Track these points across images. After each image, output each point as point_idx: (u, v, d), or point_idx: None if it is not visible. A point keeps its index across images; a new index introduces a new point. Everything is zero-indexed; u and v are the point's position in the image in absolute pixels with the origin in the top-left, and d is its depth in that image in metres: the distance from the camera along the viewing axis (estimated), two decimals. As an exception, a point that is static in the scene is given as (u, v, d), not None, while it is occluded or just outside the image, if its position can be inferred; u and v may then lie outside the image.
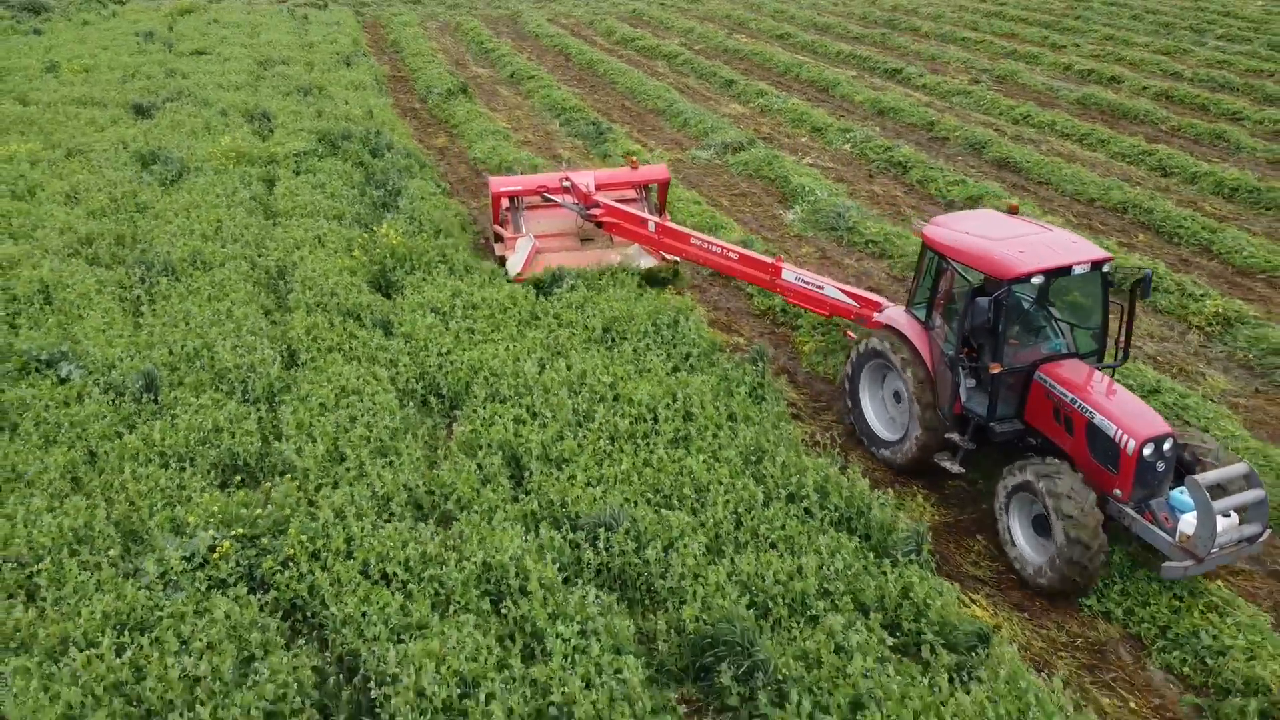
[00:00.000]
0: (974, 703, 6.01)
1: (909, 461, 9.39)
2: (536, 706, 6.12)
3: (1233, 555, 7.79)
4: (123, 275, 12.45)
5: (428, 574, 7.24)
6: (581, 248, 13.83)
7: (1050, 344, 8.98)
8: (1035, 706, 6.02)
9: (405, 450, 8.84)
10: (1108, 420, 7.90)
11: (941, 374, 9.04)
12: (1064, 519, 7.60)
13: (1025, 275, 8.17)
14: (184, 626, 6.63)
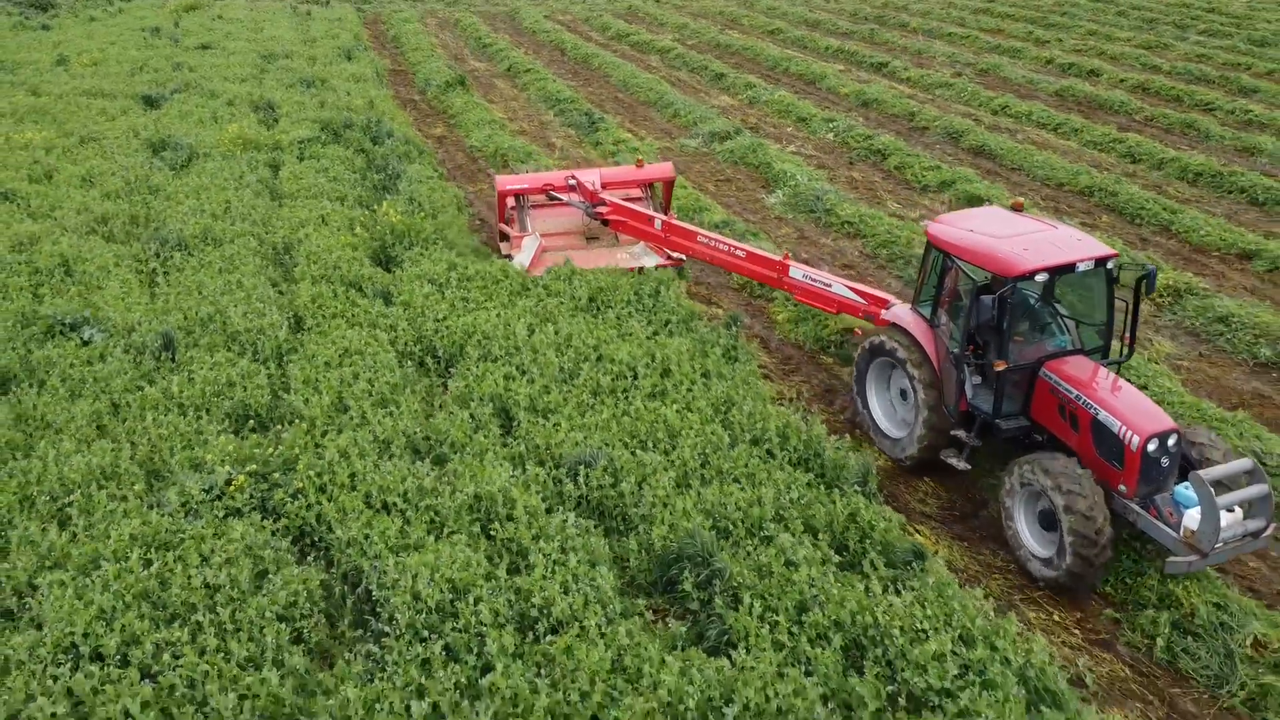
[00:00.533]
0: (904, 605, 6.79)
1: (915, 458, 9.48)
2: (520, 609, 6.90)
3: (1237, 550, 7.81)
4: (138, 250, 13.24)
5: (424, 503, 8.02)
6: (588, 246, 13.84)
7: (1055, 341, 9.02)
8: (960, 610, 6.80)
9: (404, 402, 9.62)
10: (1112, 416, 7.94)
11: (947, 371, 9.11)
12: (1071, 515, 7.65)
13: (1029, 273, 8.22)
14: (204, 546, 7.40)
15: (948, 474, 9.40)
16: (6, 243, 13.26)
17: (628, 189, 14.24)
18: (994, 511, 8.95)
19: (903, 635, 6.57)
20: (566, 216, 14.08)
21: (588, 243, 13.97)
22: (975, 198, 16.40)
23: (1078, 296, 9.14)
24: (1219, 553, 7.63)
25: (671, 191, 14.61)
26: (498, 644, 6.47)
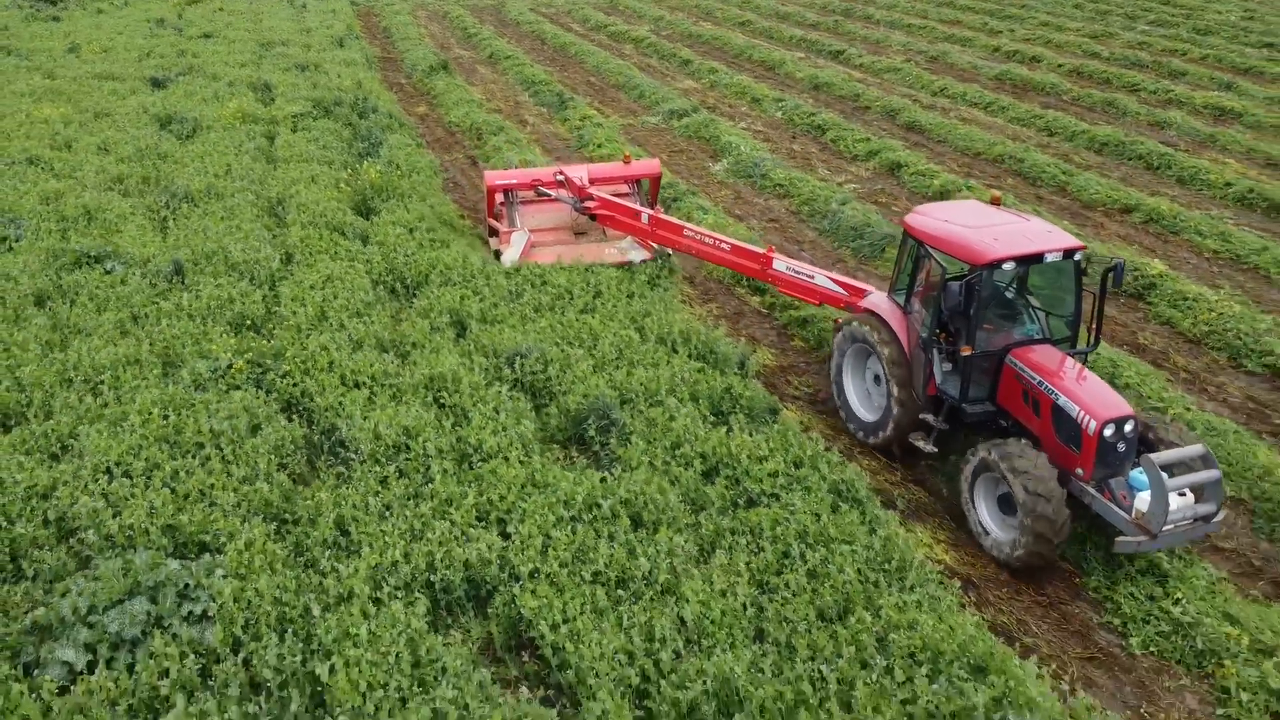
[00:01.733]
0: (754, 441, 8.75)
1: (885, 441, 9.79)
2: (459, 448, 8.85)
3: (1188, 533, 7.99)
4: (151, 202, 15.18)
5: (388, 381, 9.97)
6: (575, 241, 14.02)
7: (1023, 329, 9.26)
8: (795, 444, 8.75)
9: (375, 315, 11.56)
10: (1071, 402, 8.16)
11: (917, 357, 9.36)
12: (1028, 497, 7.90)
13: (997, 261, 8.45)
14: (210, 407, 9.34)
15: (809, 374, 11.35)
16: (35, 197, 15.18)
17: (615, 185, 14.30)
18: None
19: (749, 460, 8.53)
20: (555, 212, 14.17)
21: (576, 237, 14.12)
22: (896, 164, 18.35)
23: (1048, 287, 9.35)
24: (1169, 535, 7.81)
25: (658, 187, 14.78)
26: (439, 466, 8.44)
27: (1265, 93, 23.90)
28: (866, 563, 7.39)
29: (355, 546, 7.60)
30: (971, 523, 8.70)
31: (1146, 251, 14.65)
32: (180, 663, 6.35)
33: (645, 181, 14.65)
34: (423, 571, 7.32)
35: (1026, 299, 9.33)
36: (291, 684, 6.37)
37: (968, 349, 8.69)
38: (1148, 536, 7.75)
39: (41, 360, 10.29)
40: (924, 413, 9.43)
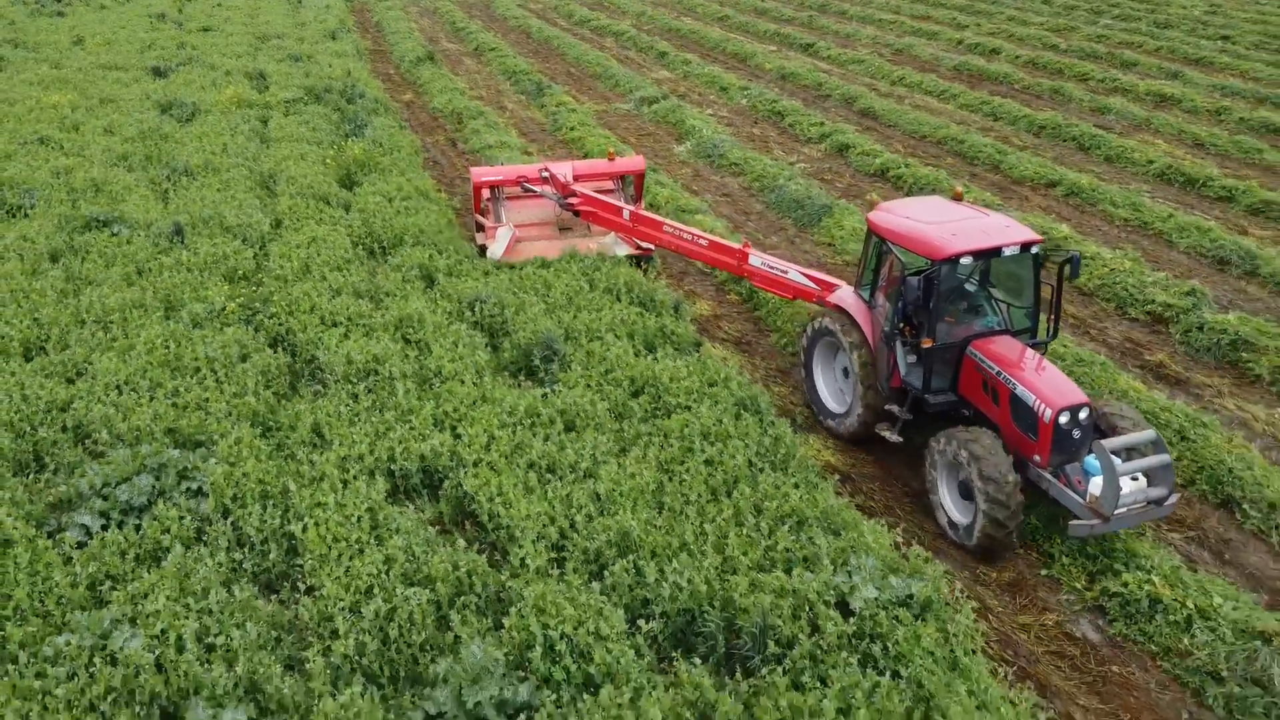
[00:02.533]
0: (675, 366, 10.15)
1: (853, 431, 10.07)
2: (421, 373, 10.24)
3: (1140, 517, 8.22)
4: (153, 175, 16.57)
5: (361, 321, 11.35)
6: (560, 236, 14.19)
7: (983, 321, 9.47)
8: (713, 369, 10.14)
9: (353, 269, 12.95)
10: (1028, 391, 8.38)
11: (881, 350, 9.62)
12: (984, 482, 8.13)
13: (955, 256, 8.68)
14: (206, 339, 10.72)
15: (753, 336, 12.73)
16: (47, 172, 16.56)
17: (600, 181, 14.48)
18: (776, 341, 12.26)
19: (670, 381, 9.93)
20: (540, 207, 14.36)
21: (560, 233, 14.30)
22: (845, 145, 19.76)
23: (1008, 280, 9.57)
24: (1121, 518, 8.06)
25: (643, 183, 14.86)
26: (403, 386, 9.83)
27: (1210, 81, 25.30)
28: (756, 454, 8.78)
29: (328, 444, 9.00)
30: (934, 507, 9.00)
31: (1062, 219, 16.04)
32: (179, 523, 7.75)
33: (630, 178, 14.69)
34: (384, 461, 8.72)
35: (989, 292, 9.56)
36: (271, 540, 7.77)
37: (928, 341, 8.92)
38: (1101, 520, 8.00)
39: (57, 304, 11.70)
40: (889, 404, 9.68)
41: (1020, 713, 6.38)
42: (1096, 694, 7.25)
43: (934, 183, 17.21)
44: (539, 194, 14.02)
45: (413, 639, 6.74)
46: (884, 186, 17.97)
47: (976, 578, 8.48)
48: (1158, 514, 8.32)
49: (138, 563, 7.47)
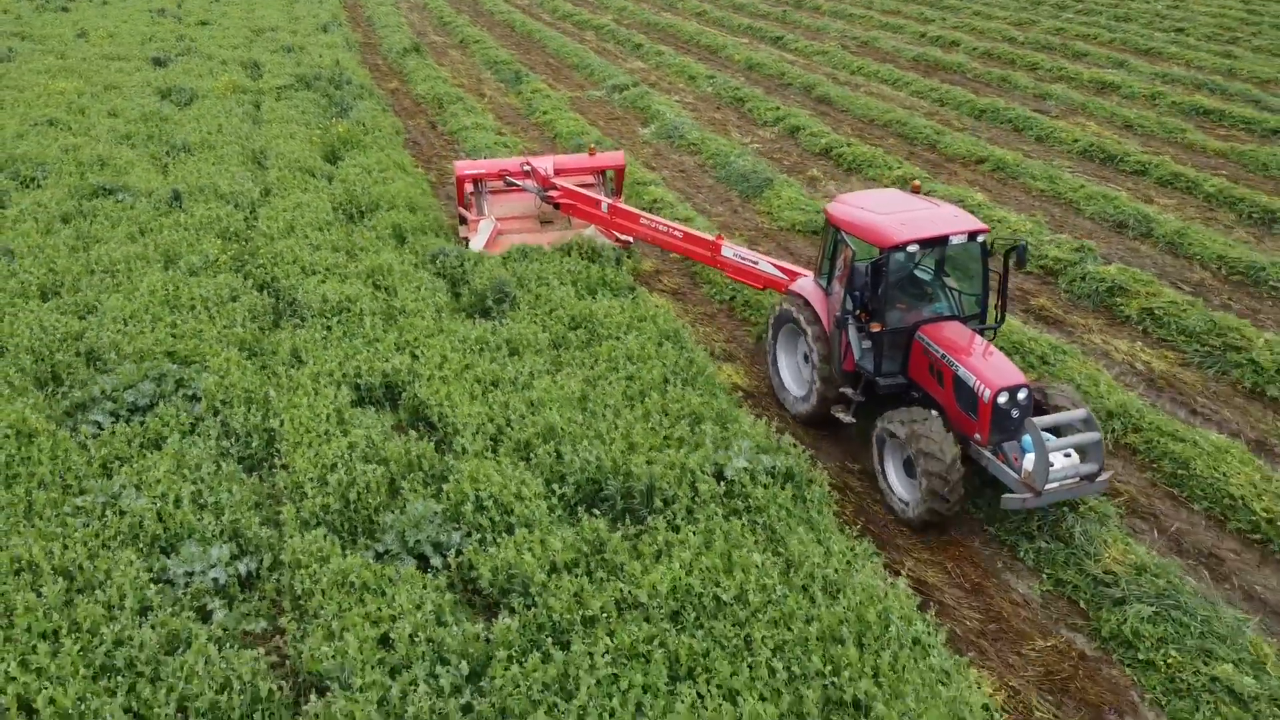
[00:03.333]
0: (610, 304, 11.67)
1: (811, 413, 10.46)
2: (386, 310, 11.76)
3: (1073, 491, 8.51)
4: (154, 151, 18.11)
5: (338, 270, 12.88)
6: (541, 229, 14.62)
7: (932, 307, 9.79)
8: (644, 307, 11.67)
9: (333, 230, 14.47)
10: (969, 373, 8.71)
11: (835, 334, 9.94)
12: (925, 460, 8.48)
13: (902, 244, 8.99)
14: (201, 283, 12.24)
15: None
16: (57, 149, 18.08)
17: (581, 176, 14.87)
18: (707, 292, 13.77)
19: (604, 316, 11.45)
20: (522, 201, 14.76)
21: (542, 226, 14.74)
22: (796, 127, 21.27)
23: (960, 268, 9.93)
24: (1054, 492, 8.38)
25: (623, 178, 15.18)
26: (371, 320, 11.35)
27: (1154, 69, 26.79)
28: (671, 372, 10.29)
29: (303, 363, 10.52)
30: (881, 484, 9.38)
31: (982, 190, 17.55)
32: (176, 419, 9.28)
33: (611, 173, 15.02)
34: (351, 376, 10.24)
35: (943, 279, 9.89)
36: (254, 433, 9.31)
37: (877, 326, 9.30)
38: (1033, 494, 8.31)
39: (69, 257, 13.23)
40: (844, 386, 10.04)
41: (858, 553, 7.89)
42: (929, 550, 8.78)
43: (872, 160, 18.74)
44: (521, 187, 14.40)
45: (369, 502, 8.26)
46: (826, 164, 19.51)
47: (844, 467, 10.00)
48: (1090, 489, 8.61)
49: (142, 448, 9.00)
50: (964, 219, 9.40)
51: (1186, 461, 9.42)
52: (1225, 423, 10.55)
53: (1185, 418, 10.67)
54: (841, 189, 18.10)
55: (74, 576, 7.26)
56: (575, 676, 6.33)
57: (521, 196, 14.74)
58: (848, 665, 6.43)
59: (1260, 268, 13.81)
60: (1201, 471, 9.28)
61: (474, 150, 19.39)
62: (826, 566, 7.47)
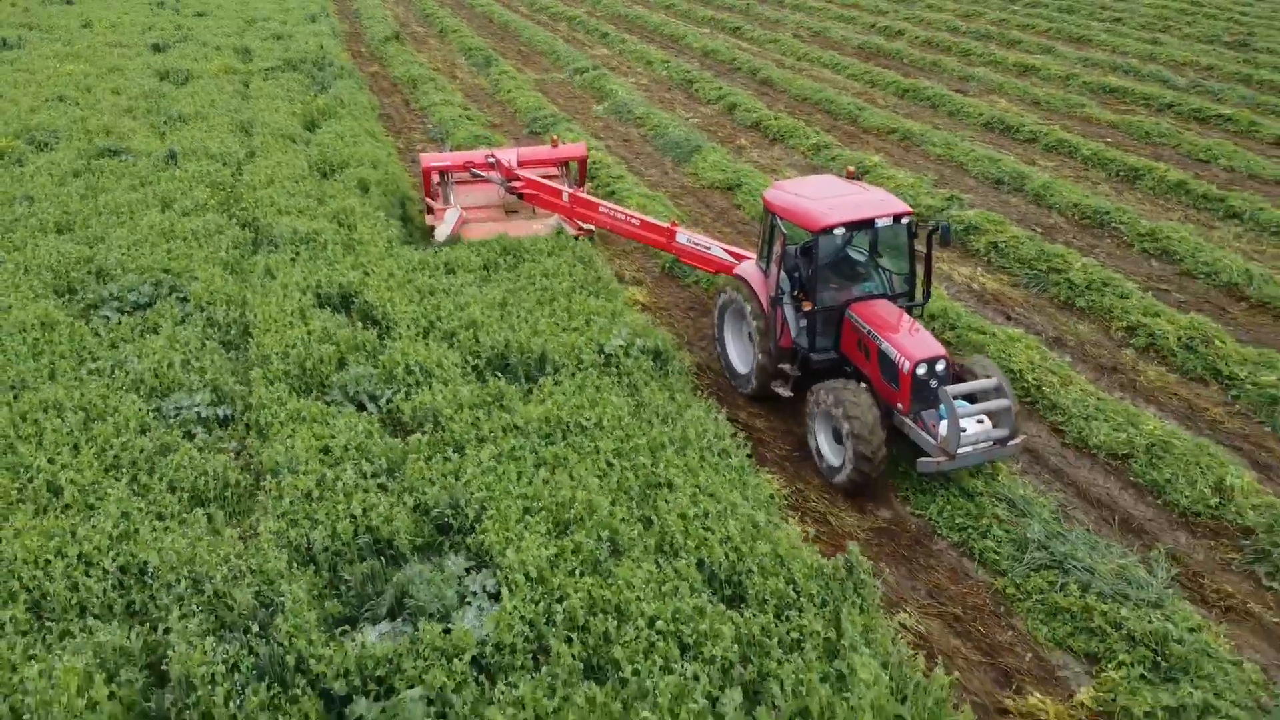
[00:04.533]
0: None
1: (753, 389, 10.95)
2: (348, 242, 14.02)
3: (986, 455, 8.99)
4: (153, 121, 20.38)
5: (309, 212, 15.13)
6: (507, 219, 15.14)
7: (862, 286, 10.29)
8: (565, 239, 13.91)
9: (307, 183, 16.72)
10: (891, 346, 9.23)
11: (773, 314, 10.46)
12: (850, 425, 8.96)
13: (829, 227, 9.49)
14: (192, 221, 14.49)
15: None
16: (66, 120, 20.33)
17: (544, 167, 15.44)
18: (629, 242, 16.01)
19: (531, 245, 13.69)
20: (487, 191, 15.31)
21: (507, 215, 15.29)
22: (734, 105, 23.54)
23: (890, 249, 10.44)
24: (967, 456, 8.87)
25: (585, 168, 15.83)
26: (332, 248, 13.61)
27: (1079, 55, 29.04)
28: (579, 285, 12.53)
29: (275, 277, 12.78)
30: (812, 451, 9.90)
31: (885, 155, 19.83)
32: (170, 312, 11.54)
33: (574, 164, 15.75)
34: (314, 287, 12.48)
35: (876, 260, 10.47)
36: (233, 324, 11.58)
37: (808, 304, 9.85)
38: (947, 457, 8.80)
39: (80, 201, 15.49)
40: (781, 363, 10.56)
41: (706, 408, 10.10)
42: (764, 417, 11.03)
43: (794, 131, 21.01)
44: (486, 179, 14.95)
45: (321, 370, 10.52)
46: (755, 135, 21.79)
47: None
48: (1003, 453, 9.08)
49: (142, 333, 11.27)
50: (890, 202, 9.90)
51: (982, 345, 11.66)
52: (1032, 325, 12.82)
53: (1000, 321, 12.93)
54: (764, 155, 20.40)
55: (89, 411, 9.51)
56: (465, 468, 8.59)
57: (487, 187, 15.30)
58: (665, 462, 8.69)
59: (1105, 212, 16.08)
60: (992, 352, 11.52)
61: (441, 122, 21.67)
62: (668, 406, 9.73)
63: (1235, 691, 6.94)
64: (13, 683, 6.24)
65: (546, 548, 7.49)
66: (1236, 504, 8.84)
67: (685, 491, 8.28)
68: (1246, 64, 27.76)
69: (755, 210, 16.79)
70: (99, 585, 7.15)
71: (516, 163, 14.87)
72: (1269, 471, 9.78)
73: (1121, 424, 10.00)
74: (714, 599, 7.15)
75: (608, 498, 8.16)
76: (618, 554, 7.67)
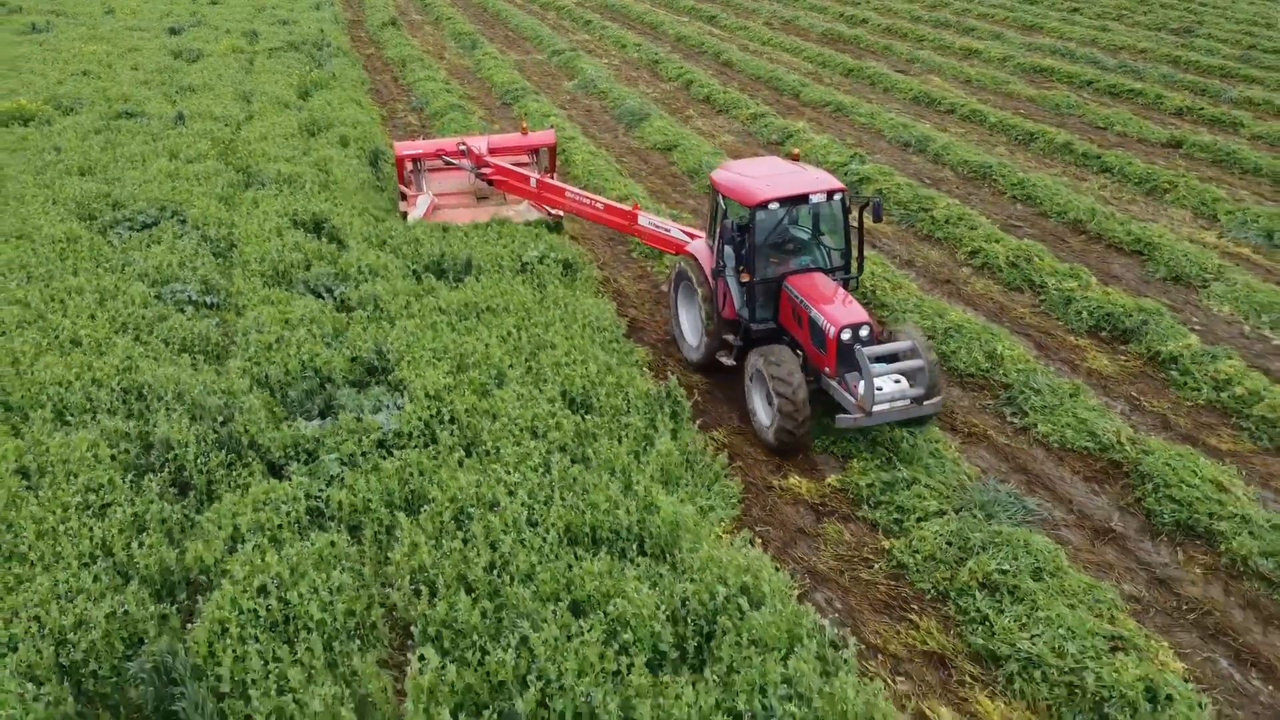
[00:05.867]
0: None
1: (701, 359, 11.41)
2: (324, 182, 16.52)
3: (904, 413, 9.40)
4: (166, 91, 22.99)
5: (295, 160, 17.65)
6: (478, 205, 15.58)
7: (799, 260, 10.65)
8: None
9: (295, 140, 19.25)
10: (819, 314, 9.67)
11: (714, 286, 10.92)
12: (777, 386, 9.42)
13: (764, 203, 9.90)
14: (195, 167, 17.02)
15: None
16: (89, 90, 22.96)
17: (515, 154, 15.86)
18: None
19: (474, 183, 16.17)
20: (459, 179, 15.79)
21: (479, 201, 15.71)
22: (690, 81, 25.94)
23: (829, 225, 10.83)
24: (884, 414, 9.31)
25: (555, 155, 16.24)
26: (310, 186, 16.12)
27: (1024, 40, 31.24)
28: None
29: (259, 206, 15.29)
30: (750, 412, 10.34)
31: (813, 123, 22.18)
32: (171, 230, 14.07)
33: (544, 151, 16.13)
34: (291, 214, 14.97)
35: (818, 237, 10.91)
36: (222, 240, 14.11)
37: (746, 276, 10.33)
38: (863, 414, 9.25)
39: (100, 152, 18.07)
40: (726, 334, 10.99)
41: (604, 310, 12.47)
42: (656, 309, 13.45)
43: (737, 103, 23.38)
44: (457, 166, 15.36)
45: (290, 272, 13.01)
46: (704, 106, 24.19)
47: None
48: (920, 412, 9.54)
49: (148, 244, 13.79)
50: (824, 180, 10.30)
51: (839, 262, 13.98)
52: (893, 251, 15.15)
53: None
54: (708, 124, 22.79)
55: (104, 294, 12.03)
56: (393, 329, 11.05)
57: (459, 174, 15.74)
58: (554, 331, 11.10)
59: (988, 166, 18.38)
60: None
61: (423, 95, 24.16)
62: (567, 298, 12.16)
63: (945, 475, 9.29)
64: (40, 450, 8.72)
65: (446, 378, 9.94)
66: (1004, 368, 11.15)
67: (563, 349, 10.70)
68: (1183, 48, 29.88)
69: (687, 166, 19.18)
70: (107, 396, 9.65)
71: (487, 150, 15.26)
72: (1046, 350, 12.10)
73: (931, 314, 12.32)
74: (566, 410, 9.57)
75: (502, 351, 10.59)
76: (501, 385, 10.09)
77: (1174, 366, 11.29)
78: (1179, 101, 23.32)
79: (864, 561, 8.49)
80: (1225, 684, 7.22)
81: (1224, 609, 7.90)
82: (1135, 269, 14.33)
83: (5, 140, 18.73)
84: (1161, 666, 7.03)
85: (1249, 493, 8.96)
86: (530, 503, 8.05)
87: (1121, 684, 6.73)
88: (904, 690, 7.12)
